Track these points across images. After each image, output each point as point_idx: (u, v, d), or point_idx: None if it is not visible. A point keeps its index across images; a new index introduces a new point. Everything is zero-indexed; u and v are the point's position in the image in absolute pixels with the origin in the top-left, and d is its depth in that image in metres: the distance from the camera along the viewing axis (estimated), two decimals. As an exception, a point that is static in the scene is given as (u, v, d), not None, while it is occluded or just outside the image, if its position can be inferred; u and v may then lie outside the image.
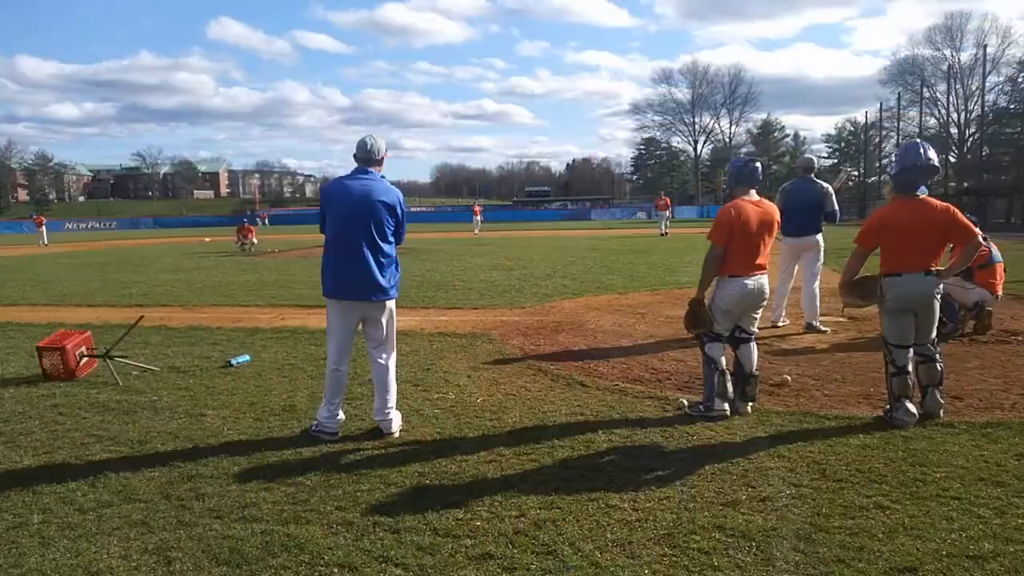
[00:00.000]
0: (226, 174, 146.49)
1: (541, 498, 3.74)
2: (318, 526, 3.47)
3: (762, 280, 5.12)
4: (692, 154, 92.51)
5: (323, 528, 3.45)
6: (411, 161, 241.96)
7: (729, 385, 5.08)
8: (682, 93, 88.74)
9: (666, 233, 30.74)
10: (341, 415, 4.85)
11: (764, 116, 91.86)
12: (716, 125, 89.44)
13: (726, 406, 5.07)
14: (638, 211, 68.60)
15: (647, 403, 5.47)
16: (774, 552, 3.13)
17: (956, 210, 4.89)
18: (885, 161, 52.53)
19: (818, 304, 8.19)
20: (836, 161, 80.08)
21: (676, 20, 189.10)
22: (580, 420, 5.08)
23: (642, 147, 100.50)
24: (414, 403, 5.54)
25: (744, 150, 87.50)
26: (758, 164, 5.29)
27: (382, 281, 4.69)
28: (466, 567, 3.07)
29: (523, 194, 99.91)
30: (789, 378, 6.01)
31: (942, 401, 4.94)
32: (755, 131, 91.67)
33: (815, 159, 8.52)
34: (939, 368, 4.93)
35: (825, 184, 8.13)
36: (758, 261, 5.08)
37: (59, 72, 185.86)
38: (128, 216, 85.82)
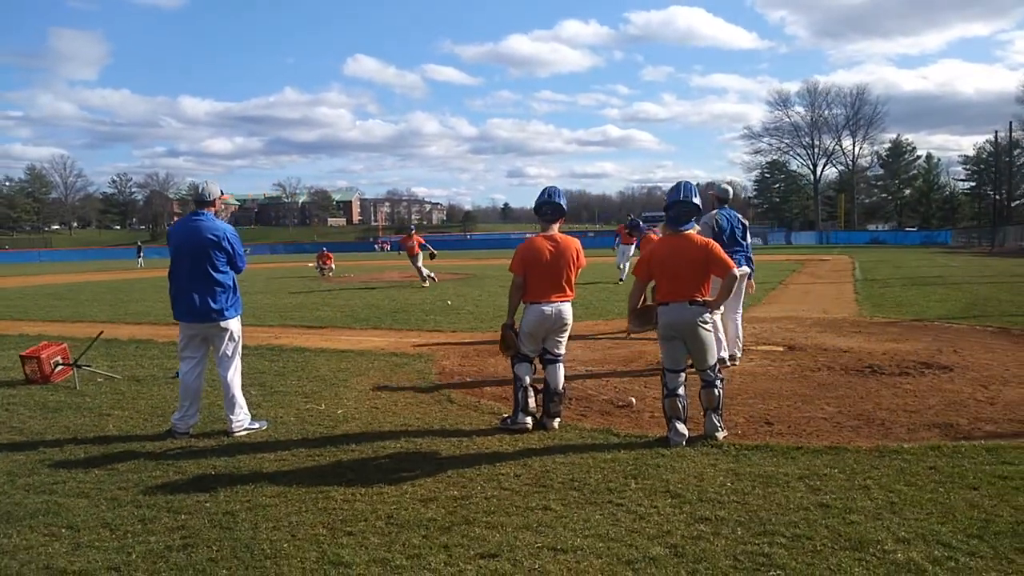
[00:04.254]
0: (358, 202, 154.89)
1: (280, 487, 4.45)
2: (85, 497, 4.34)
3: (561, 307, 5.58)
4: (812, 178, 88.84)
5: (84, 497, 4.31)
6: (535, 188, 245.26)
7: (531, 401, 5.57)
8: (800, 115, 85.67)
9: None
10: (194, 417, 5.73)
11: (893, 136, 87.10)
12: (838, 147, 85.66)
13: (528, 420, 5.55)
14: (754, 237, 66.83)
15: (486, 418, 6.00)
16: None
17: (714, 245, 5.23)
18: None
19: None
20: (974, 184, 74.73)
21: (808, 40, 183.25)
22: (401, 429, 5.70)
23: (765, 170, 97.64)
24: (285, 411, 6.35)
25: (869, 172, 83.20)
26: (555, 201, 5.69)
27: (215, 305, 5.56)
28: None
29: (643, 219, 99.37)
30: (634, 400, 6.37)
31: (718, 424, 5.21)
32: (883, 153, 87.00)
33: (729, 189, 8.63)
34: (716, 393, 5.21)
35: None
36: (556, 290, 5.55)
37: (213, 110, 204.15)
38: (266, 242, 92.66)
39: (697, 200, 5.27)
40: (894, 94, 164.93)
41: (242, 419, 5.72)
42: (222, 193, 5.79)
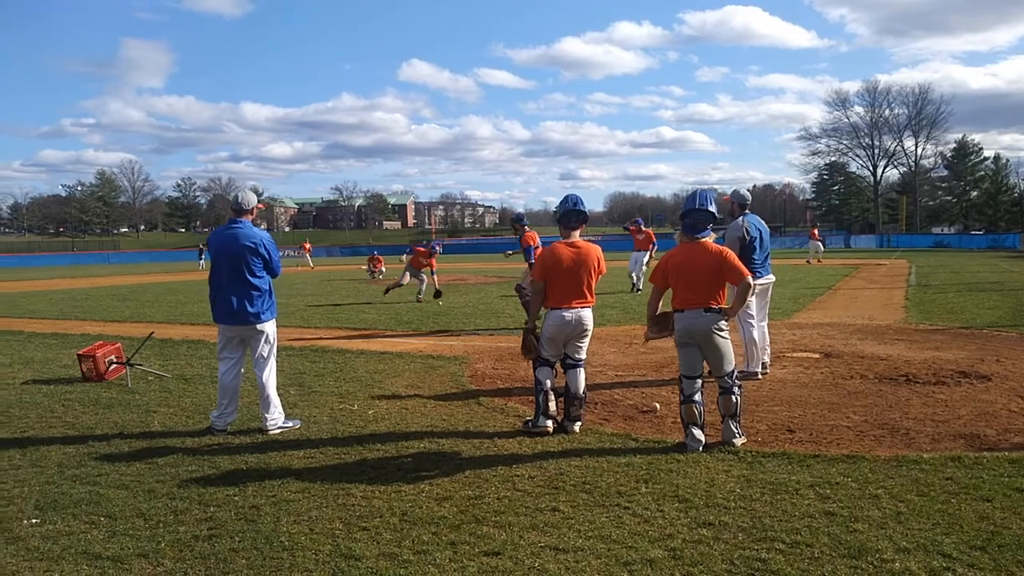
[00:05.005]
0: (412, 206, 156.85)
1: (297, 483, 4.67)
2: (125, 488, 4.63)
3: (581, 313, 5.68)
4: (872, 180, 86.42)
5: (124, 488, 4.60)
6: (588, 191, 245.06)
7: (552, 405, 5.69)
8: (859, 115, 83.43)
9: (811, 262, 30.03)
10: (232, 415, 6.02)
11: (958, 136, 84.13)
12: (899, 148, 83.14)
13: (549, 423, 5.68)
14: (808, 240, 65.43)
15: (510, 421, 6.14)
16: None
17: (729, 253, 5.27)
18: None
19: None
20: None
21: (870, 39, 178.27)
22: (427, 430, 5.89)
23: (824, 172, 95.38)
24: (319, 411, 6.60)
25: (933, 173, 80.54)
26: (580, 209, 5.82)
27: (251, 308, 5.83)
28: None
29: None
30: (659, 406, 6.43)
31: (736, 430, 5.25)
32: (948, 154, 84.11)
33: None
34: (734, 400, 5.24)
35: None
36: (576, 296, 5.66)
37: (274, 115, 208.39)
38: (323, 245, 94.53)
39: (713, 208, 5.32)
40: (960, 93, 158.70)
41: (276, 418, 5.98)
42: (259, 202, 6.06)
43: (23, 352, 10.60)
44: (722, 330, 5.22)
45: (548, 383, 5.72)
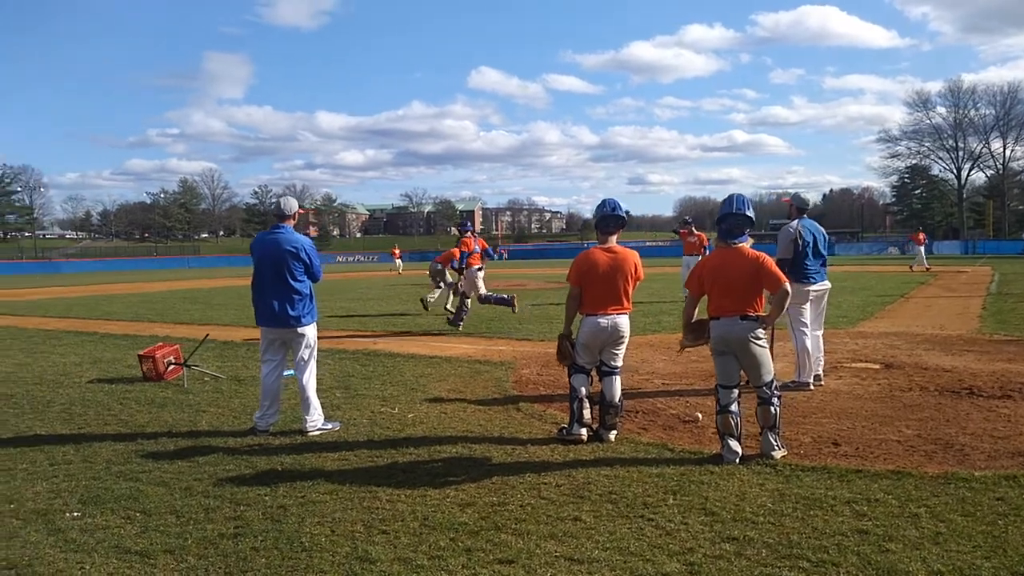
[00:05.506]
0: (480, 212, 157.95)
1: (312, 483, 4.73)
2: (164, 485, 4.78)
3: (617, 319, 5.59)
4: (955, 183, 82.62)
5: (162, 486, 4.76)
6: (657, 196, 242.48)
7: (586, 412, 5.61)
8: (942, 116, 79.88)
9: (917, 269, 28.88)
10: (274, 417, 6.15)
11: (1053, 136, 79.49)
12: (986, 150, 79.24)
13: (583, 431, 5.60)
14: (889, 246, 63.00)
15: (546, 427, 6.09)
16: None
17: (766, 259, 5.08)
18: None
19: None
20: None
21: (954, 36, 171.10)
22: (462, 435, 5.89)
23: (904, 176, 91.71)
24: (360, 414, 6.69)
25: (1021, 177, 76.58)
26: (621, 215, 5.74)
27: (292, 312, 5.96)
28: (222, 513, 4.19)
29: (768, 227, 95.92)
30: (701, 416, 6.27)
31: (775, 442, 5.06)
32: (1040, 155, 79.73)
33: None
34: (773, 411, 5.06)
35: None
36: (612, 302, 5.58)
37: (347, 124, 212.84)
38: (389, 251, 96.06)
39: (750, 213, 5.17)
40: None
41: (316, 419, 6.08)
42: (301, 208, 6.19)
43: (94, 352, 11.12)
44: (759, 338, 5.05)
45: (583, 390, 5.64)
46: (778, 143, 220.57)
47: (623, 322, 5.63)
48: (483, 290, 13.15)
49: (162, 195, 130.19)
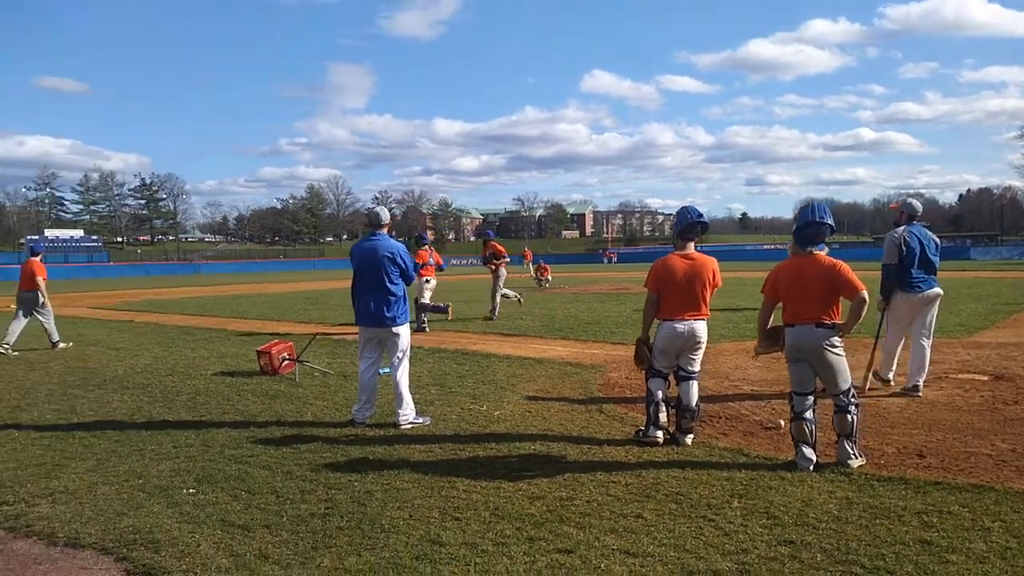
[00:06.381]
0: (591, 215, 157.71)
1: (382, 473, 5.09)
2: (268, 469, 5.29)
3: (694, 325, 5.68)
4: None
5: (267, 469, 5.27)
6: (777, 197, 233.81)
7: (662, 416, 5.73)
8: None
9: None
10: (370, 410, 6.61)
11: None
12: None
13: (659, 434, 5.72)
14: (1032, 251, 58.36)
15: (626, 429, 6.25)
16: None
17: (843, 266, 5.03)
18: None
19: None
20: None
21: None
22: (542, 433, 6.14)
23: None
24: (451, 409, 7.07)
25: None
26: (706, 222, 5.84)
27: (388, 313, 6.40)
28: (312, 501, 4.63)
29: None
30: (783, 423, 6.24)
31: (851, 451, 5.01)
32: None
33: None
34: (849, 419, 5.02)
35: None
36: (689, 308, 5.67)
37: (463, 130, 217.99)
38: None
39: (831, 221, 5.13)
40: None
41: (407, 414, 6.49)
42: (392, 216, 6.64)
43: (220, 347, 12.12)
44: (835, 347, 5.02)
45: (659, 394, 5.76)
46: (908, 141, 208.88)
47: (700, 328, 5.71)
48: (425, 299, 14.23)
49: (291, 201, 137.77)
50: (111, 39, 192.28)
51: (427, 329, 13.85)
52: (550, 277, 28.99)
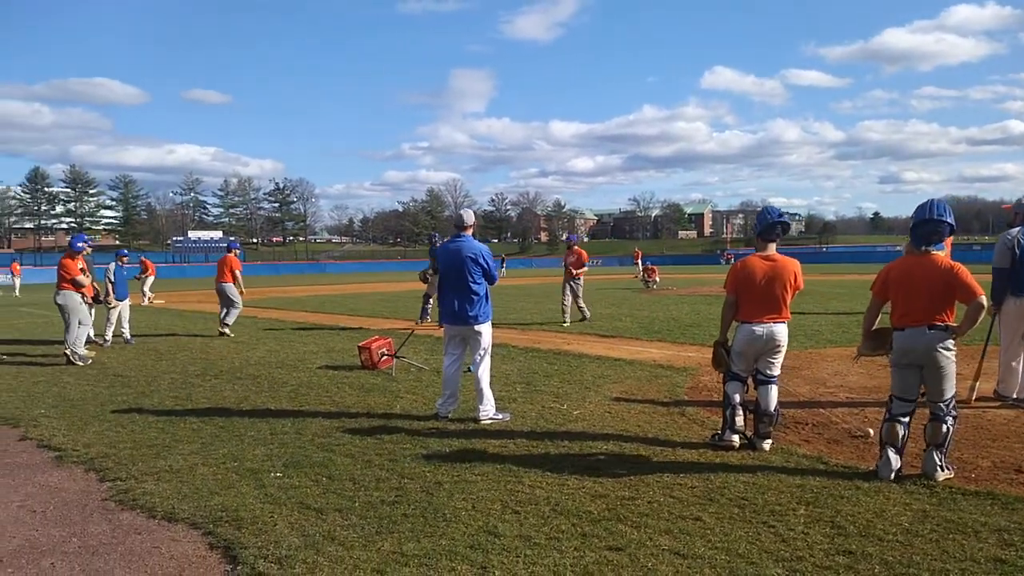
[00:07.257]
0: (710, 215, 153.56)
1: (458, 465, 5.26)
2: (351, 457, 5.60)
3: (773, 328, 5.54)
4: None
5: (349, 457, 5.58)
6: (913, 195, 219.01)
7: (739, 419, 5.63)
8: None
9: None
10: (453, 404, 6.85)
11: None
12: None
13: (735, 438, 5.63)
14: None
15: (704, 433, 6.17)
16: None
17: (960, 268, 4.79)
18: None
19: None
20: None
21: None
22: (618, 434, 6.16)
23: None
24: (532, 407, 7.20)
25: None
26: (787, 222, 5.69)
27: (471, 312, 6.61)
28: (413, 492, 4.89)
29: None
30: (872, 432, 5.98)
31: (939, 462, 4.76)
32: None
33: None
34: (944, 430, 4.76)
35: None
36: (769, 311, 5.54)
37: (578, 131, 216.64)
38: (615, 255, 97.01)
39: (951, 219, 4.87)
40: None
41: (488, 409, 6.68)
42: (475, 219, 6.84)
43: (328, 342, 12.79)
44: (948, 350, 4.77)
45: (736, 397, 5.67)
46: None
47: (780, 331, 5.57)
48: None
49: (411, 203, 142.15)
50: (251, 56, 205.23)
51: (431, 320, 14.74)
52: (658, 279, 28.59)
